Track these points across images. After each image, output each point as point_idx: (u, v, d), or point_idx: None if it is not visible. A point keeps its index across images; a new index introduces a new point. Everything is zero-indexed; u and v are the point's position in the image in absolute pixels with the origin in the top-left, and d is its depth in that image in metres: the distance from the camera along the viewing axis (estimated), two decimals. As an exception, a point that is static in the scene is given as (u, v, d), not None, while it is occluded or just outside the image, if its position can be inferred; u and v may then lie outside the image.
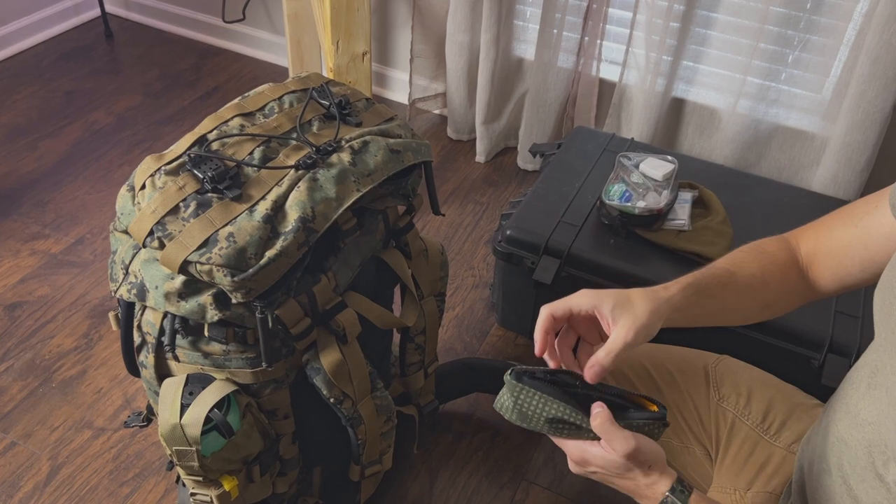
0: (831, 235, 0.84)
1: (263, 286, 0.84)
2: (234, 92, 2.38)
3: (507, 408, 0.76)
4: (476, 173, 2.12)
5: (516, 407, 0.75)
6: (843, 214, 0.85)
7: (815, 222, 0.88)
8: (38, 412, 1.45)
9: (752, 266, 0.85)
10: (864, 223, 0.80)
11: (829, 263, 0.84)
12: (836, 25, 1.66)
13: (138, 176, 0.89)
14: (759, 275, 0.84)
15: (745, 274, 0.84)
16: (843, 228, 0.83)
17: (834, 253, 0.83)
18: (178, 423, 0.87)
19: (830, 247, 0.84)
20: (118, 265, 0.92)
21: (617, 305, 0.76)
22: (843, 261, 0.82)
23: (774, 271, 0.85)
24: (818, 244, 0.86)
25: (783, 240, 0.89)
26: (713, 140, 1.90)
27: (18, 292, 1.69)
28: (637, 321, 0.75)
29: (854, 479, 0.70)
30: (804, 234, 0.88)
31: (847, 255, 0.82)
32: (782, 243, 0.88)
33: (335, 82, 1.06)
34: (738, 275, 0.84)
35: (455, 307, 1.71)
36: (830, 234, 0.85)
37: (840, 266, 0.83)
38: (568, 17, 1.87)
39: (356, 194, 0.91)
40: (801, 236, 0.88)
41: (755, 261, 0.85)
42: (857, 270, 0.81)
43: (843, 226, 0.83)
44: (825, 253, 0.85)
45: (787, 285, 0.86)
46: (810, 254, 0.86)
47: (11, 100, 2.31)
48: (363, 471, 1.08)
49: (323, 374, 0.93)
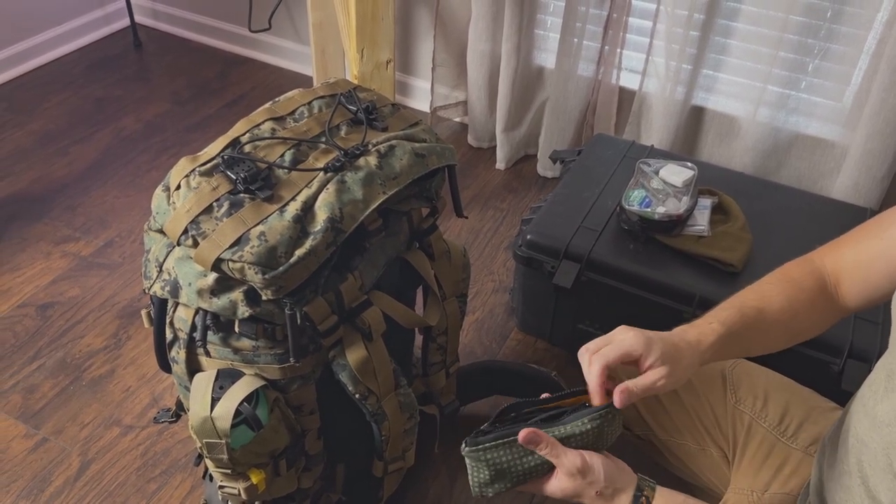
0: (857, 250, 0.84)
1: (293, 284, 0.87)
2: (259, 100, 2.42)
3: (485, 479, 0.78)
4: (496, 180, 2.14)
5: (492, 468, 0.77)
6: (867, 228, 0.84)
7: (840, 239, 0.88)
8: (68, 409, 1.49)
9: (779, 300, 0.85)
10: (890, 234, 0.80)
11: (855, 279, 0.84)
12: (856, 34, 1.67)
13: (174, 176, 0.92)
14: (787, 307, 0.84)
15: (774, 310, 0.84)
16: (868, 241, 0.83)
17: (860, 267, 0.83)
18: (208, 416, 0.90)
19: (856, 262, 0.84)
20: (152, 263, 0.95)
21: (666, 357, 0.77)
22: (869, 275, 0.82)
23: (803, 300, 0.85)
24: (843, 261, 0.85)
25: (809, 262, 0.88)
26: (732, 148, 1.91)
27: (50, 293, 1.73)
28: (675, 377, 0.77)
29: (873, 480, 0.71)
30: (830, 251, 0.88)
31: (873, 268, 0.82)
32: (808, 266, 0.88)
33: (362, 88, 1.09)
34: (767, 311, 0.84)
35: (475, 311, 1.73)
36: (856, 249, 0.84)
37: (866, 280, 0.83)
38: (588, 26, 1.89)
39: (382, 196, 0.94)
40: (826, 254, 0.88)
41: (783, 293, 0.85)
42: (886, 283, 0.81)
43: (868, 238, 0.83)
44: (851, 269, 0.84)
45: (815, 311, 0.86)
46: (837, 271, 0.86)
47: (43, 107, 2.37)
48: (386, 466, 1.10)
49: (349, 371, 0.96)
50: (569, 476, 0.76)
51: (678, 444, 1.05)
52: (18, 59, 2.51)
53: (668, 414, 1.04)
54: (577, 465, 0.75)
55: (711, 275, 1.37)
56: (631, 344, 0.77)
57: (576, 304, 1.50)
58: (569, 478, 0.76)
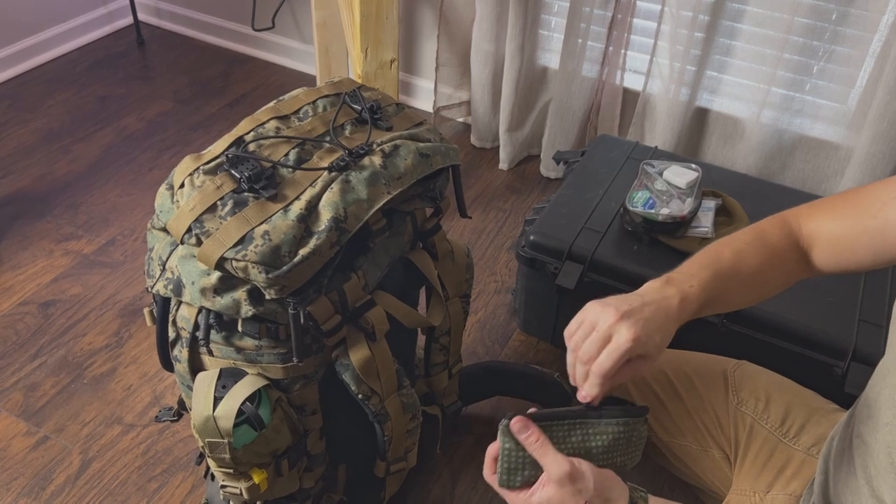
0: (843, 222, 0.82)
1: (296, 283, 0.86)
2: (261, 99, 2.42)
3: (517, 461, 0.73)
4: (499, 181, 2.14)
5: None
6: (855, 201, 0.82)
7: (819, 202, 0.86)
8: (69, 407, 1.48)
9: (754, 263, 0.83)
10: (886, 214, 0.77)
11: (835, 249, 0.83)
12: (861, 36, 1.66)
13: (177, 175, 0.92)
14: (759, 271, 0.83)
15: (748, 273, 0.83)
16: (858, 218, 0.81)
17: (844, 240, 0.82)
18: (211, 416, 0.90)
19: (840, 233, 0.82)
20: (155, 261, 0.95)
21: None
22: (855, 248, 0.80)
23: (776, 265, 0.84)
24: (823, 228, 0.84)
25: (785, 223, 0.87)
26: (736, 149, 1.90)
27: (52, 291, 1.73)
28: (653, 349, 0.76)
29: (877, 480, 0.71)
30: (809, 215, 0.86)
31: (860, 242, 0.80)
32: (784, 228, 0.86)
33: (366, 87, 1.09)
34: (741, 274, 0.83)
35: (477, 312, 1.73)
36: (842, 221, 0.82)
37: (850, 253, 0.81)
38: (592, 27, 1.89)
39: (387, 196, 0.94)
40: (805, 217, 0.86)
41: (758, 257, 0.84)
42: (869, 260, 0.80)
43: (858, 215, 0.81)
44: (832, 239, 0.83)
45: (784, 274, 0.85)
46: (813, 236, 0.85)
47: (46, 105, 2.37)
48: (388, 467, 1.10)
49: (352, 371, 0.95)
50: (556, 483, 0.70)
51: (680, 445, 1.05)
52: (21, 57, 2.51)
53: (670, 415, 1.04)
54: (565, 470, 0.70)
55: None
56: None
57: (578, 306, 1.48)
58: (556, 485, 0.70)
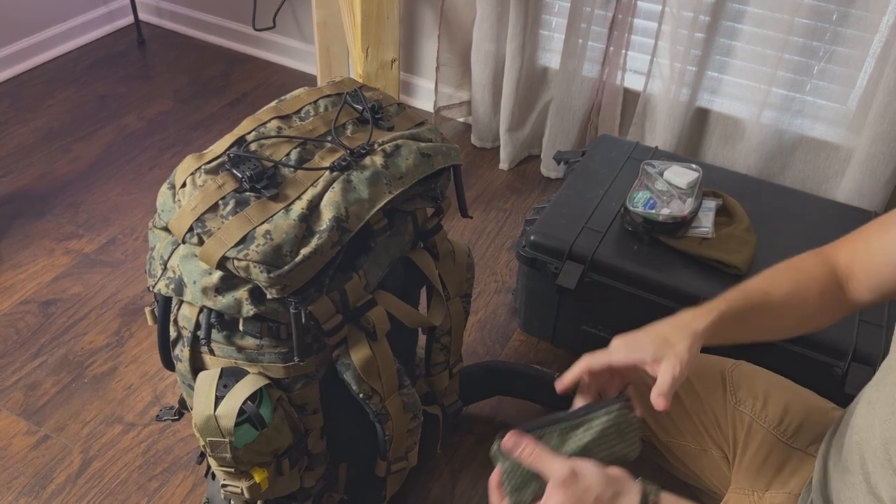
0: (868, 244, 0.84)
1: (298, 283, 0.87)
2: (262, 99, 2.42)
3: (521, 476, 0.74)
4: (499, 180, 2.14)
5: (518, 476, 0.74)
6: (880, 221, 0.84)
7: (853, 233, 0.88)
8: (70, 407, 1.49)
9: (787, 285, 0.85)
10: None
11: (866, 273, 0.84)
12: (862, 37, 1.67)
13: (179, 174, 0.92)
14: (795, 293, 0.85)
15: (781, 293, 0.85)
16: (880, 235, 0.83)
17: (872, 262, 0.83)
18: (212, 415, 0.90)
19: (868, 256, 0.84)
20: (157, 261, 0.95)
21: (657, 351, 0.79)
22: (881, 269, 0.82)
23: (812, 287, 0.85)
24: (855, 254, 0.85)
25: (820, 254, 0.89)
26: (737, 150, 1.91)
27: (53, 290, 1.73)
28: (680, 359, 0.78)
29: (875, 477, 0.71)
30: (842, 246, 0.88)
31: (885, 262, 0.81)
32: (819, 258, 0.88)
33: (368, 87, 1.09)
34: (774, 294, 0.85)
35: (478, 312, 1.73)
36: (868, 243, 0.84)
37: (878, 274, 0.83)
38: (593, 27, 1.89)
39: (388, 196, 0.94)
40: (838, 248, 0.88)
41: (790, 279, 0.86)
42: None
43: (880, 232, 0.83)
44: (863, 263, 0.84)
45: (825, 300, 0.86)
46: (848, 265, 0.86)
47: (46, 104, 2.37)
48: (389, 466, 1.10)
49: (353, 370, 0.95)
50: (561, 486, 0.70)
51: (679, 445, 1.05)
52: (22, 56, 2.51)
53: (669, 416, 1.04)
54: (565, 471, 0.71)
55: (715, 277, 1.37)
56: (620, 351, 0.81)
57: (579, 306, 1.50)
58: (562, 488, 0.70)
